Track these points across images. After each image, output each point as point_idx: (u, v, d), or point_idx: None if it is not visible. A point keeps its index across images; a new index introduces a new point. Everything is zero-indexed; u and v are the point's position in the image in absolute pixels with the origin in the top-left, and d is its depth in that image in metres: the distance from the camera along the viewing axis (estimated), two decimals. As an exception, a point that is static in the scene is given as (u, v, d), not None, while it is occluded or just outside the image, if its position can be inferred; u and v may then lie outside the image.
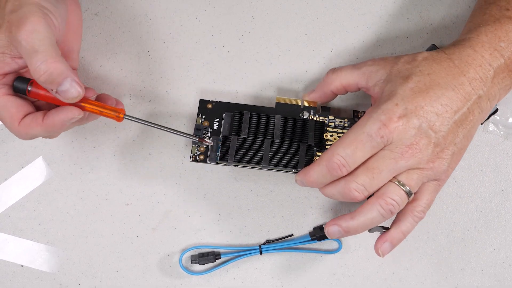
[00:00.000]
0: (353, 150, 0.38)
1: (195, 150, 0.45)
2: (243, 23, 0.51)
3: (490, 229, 0.48)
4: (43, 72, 0.36)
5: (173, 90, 0.50)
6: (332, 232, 0.41)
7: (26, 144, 0.49)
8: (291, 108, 0.47)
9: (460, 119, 0.39)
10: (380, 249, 0.41)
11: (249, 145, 0.44)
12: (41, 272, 0.48)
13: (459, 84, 0.39)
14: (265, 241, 0.48)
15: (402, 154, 0.38)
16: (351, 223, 0.39)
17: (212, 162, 0.45)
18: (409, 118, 0.38)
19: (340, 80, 0.44)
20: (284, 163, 0.43)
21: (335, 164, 0.38)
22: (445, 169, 0.39)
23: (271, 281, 0.48)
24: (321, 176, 0.40)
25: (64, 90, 0.38)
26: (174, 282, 0.48)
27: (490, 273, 0.47)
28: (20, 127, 0.39)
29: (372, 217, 0.39)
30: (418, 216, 0.41)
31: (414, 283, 0.47)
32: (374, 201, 0.39)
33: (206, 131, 0.46)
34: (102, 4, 0.51)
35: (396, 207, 0.39)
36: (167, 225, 0.48)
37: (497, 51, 0.39)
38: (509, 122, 0.49)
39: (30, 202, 0.49)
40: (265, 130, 0.45)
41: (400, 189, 0.39)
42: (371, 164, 0.38)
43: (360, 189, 0.38)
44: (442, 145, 0.39)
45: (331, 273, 0.48)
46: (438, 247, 0.48)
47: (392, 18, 0.51)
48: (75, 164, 0.49)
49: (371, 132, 0.38)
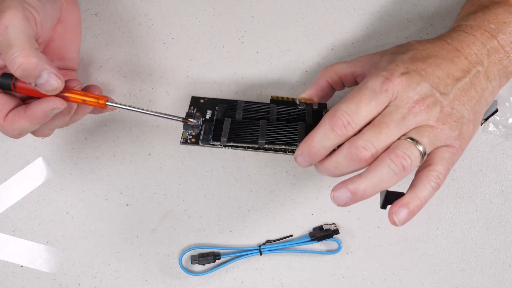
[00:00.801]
0: (356, 105, 0.36)
1: (186, 135, 0.42)
2: (243, 24, 0.51)
3: (489, 230, 0.48)
4: (17, 66, 0.36)
5: (173, 90, 0.50)
6: (339, 196, 0.36)
7: (26, 145, 0.49)
8: (287, 104, 0.45)
9: (463, 88, 0.38)
10: (396, 216, 0.36)
11: (244, 126, 0.41)
12: (41, 272, 0.48)
13: (455, 57, 0.38)
14: (265, 241, 0.48)
15: (409, 109, 0.36)
16: (360, 182, 0.35)
17: (204, 144, 0.42)
18: (411, 75, 0.36)
19: (335, 69, 0.43)
20: (282, 140, 0.40)
21: (339, 120, 0.35)
22: (457, 135, 0.37)
23: (271, 282, 0.48)
24: (325, 138, 0.36)
25: (42, 83, 0.37)
26: (174, 283, 0.48)
27: (489, 273, 0.47)
28: (5, 123, 0.39)
29: (382, 174, 0.35)
30: (435, 181, 0.36)
31: (414, 284, 0.47)
32: (384, 156, 0.35)
33: (198, 119, 0.42)
34: (102, 4, 0.51)
35: (408, 162, 0.35)
36: (167, 226, 0.48)
37: (488, 32, 0.39)
38: (509, 122, 0.49)
39: (30, 202, 0.49)
40: (261, 114, 0.43)
41: (412, 145, 0.35)
42: (377, 121, 0.36)
43: (368, 146, 0.35)
44: (449, 109, 0.37)
45: (331, 273, 0.48)
46: (438, 247, 0.48)
47: (392, 18, 0.51)
48: (75, 164, 0.49)
49: (374, 87, 0.36)
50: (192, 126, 0.42)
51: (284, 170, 0.49)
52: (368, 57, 0.42)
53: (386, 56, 0.40)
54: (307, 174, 0.49)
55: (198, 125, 0.41)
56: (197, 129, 0.42)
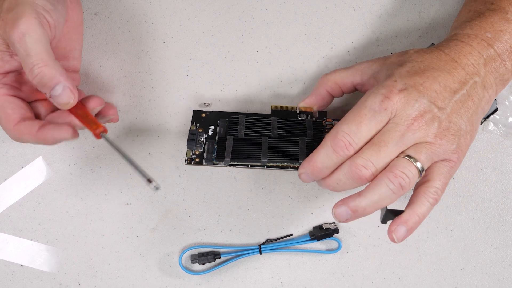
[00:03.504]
0: (357, 126, 0.37)
1: (190, 154, 0.44)
2: (242, 23, 0.51)
3: (489, 229, 0.48)
4: (35, 75, 0.36)
5: (173, 90, 0.50)
6: (340, 213, 0.37)
7: (26, 144, 0.49)
8: (287, 113, 0.46)
9: (460, 100, 0.38)
10: (394, 233, 0.37)
11: (246, 143, 0.43)
12: (41, 272, 0.48)
13: (453, 68, 0.39)
14: (265, 240, 0.48)
15: (408, 126, 0.36)
16: (359, 201, 0.37)
17: (208, 164, 0.44)
18: (409, 91, 0.37)
19: (335, 79, 0.44)
20: (284, 157, 0.42)
21: (340, 142, 0.37)
22: (454, 148, 0.38)
23: (271, 281, 0.48)
24: (327, 158, 0.37)
25: (56, 95, 0.37)
26: (174, 282, 0.48)
27: (490, 272, 0.47)
28: (13, 130, 0.39)
29: (381, 193, 0.36)
30: (433, 197, 0.38)
31: (414, 283, 0.47)
32: (382, 175, 0.36)
33: (200, 136, 0.44)
34: (101, 4, 0.51)
35: (406, 181, 0.36)
36: (167, 225, 0.48)
37: (484, 41, 0.40)
38: (509, 121, 0.49)
39: (30, 202, 0.49)
40: (262, 130, 0.44)
41: (410, 163, 0.36)
42: (376, 139, 0.37)
43: (368, 164, 0.36)
44: (447, 123, 0.37)
45: (331, 272, 0.48)
46: (438, 246, 0.48)
47: (391, 17, 0.51)
48: (74, 164, 0.49)
49: (373, 106, 0.37)
50: (196, 144, 0.43)
51: (284, 169, 0.49)
52: (367, 65, 0.42)
53: (384, 67, 0.40)
54: (307, 173, 0.49)
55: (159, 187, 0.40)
56: (200, 147, 0.44)
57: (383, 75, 0.40)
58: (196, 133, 0.43)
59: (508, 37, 0.40)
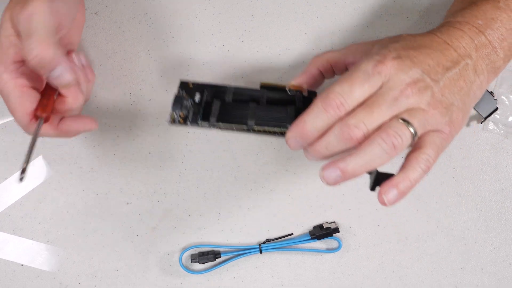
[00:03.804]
0: (350, 87, 0.36)
1: (174, 115, 0.41)
2: (243, 22, 0.51)
3: (490, 228, 0.48)
4: (34, 55, 0.36)
5: (173, 89, 0.50)
6: (328, 174, 0.35)
7: (26, 144, 0.49)
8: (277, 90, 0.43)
9: (453, 78, 0.38)
10: (385, 195, 0.36)
11: (234, 107, 0.41)
12: (41, 271, 0.48)
13: (445, 49, 0.39)
14: (265, 240, 0.48)
15: (402, 91, 0.36)
16: (350, 160, 0.35)
17: (193, 124, 0.41)
18: (403, 59, 0.37)
19: (327, 58, 0.43)
20: (272, 122, 0.40)
21: (332, 101, 0.35)
22: (447, 120, 0.37)
23: (271, 280, 0.48)
24: (317, 119, 0.36)
25: (55, 77, 0.37)
26: (174, 281, 0.48)
27: (490, 271, 0.47)
28: (31, 124, 0.39)
29: (373, 152, 0.35)
30: (425, 164, 0.36)
31: (414, 282, 0.47)
32: (375, 135, 0.35)
33: (186, 101, 0.42)
34: (102, 3, 0.51)
35: (399, 141, 0.35)
36: (167, 224, 0.48)
37: (475, 28, 0.40)
38: (509, 120, 0.49)
39: (30, 201, 0.49)
40: (251, 98, 0.42)
41: (404, 125, 0.35)
42: (370, 101, 0.36)
43: (360, 125, 0.35)
44: (439, 95, 0.37)
45: (331, 272, 0.48)
46: (438, 245, 0.48)
47: (391, 17, 0.51)
48: (75, 163, 0.49)
49: (367, 69, 0.36)
50: (181, 106, 0.41)
51: (284, 169, 0.49)
52: (359, 45, 0.43)
53: (377, 45, 0.41)
54: (308, 172, 0.49)
55: (22, 180, 0.38)
56: (186, 110, 0.41)
57: (376, 49, 0.39)
58: (182, 97, 0.41)
59: (499, 25, 0.40)
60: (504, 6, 0.41)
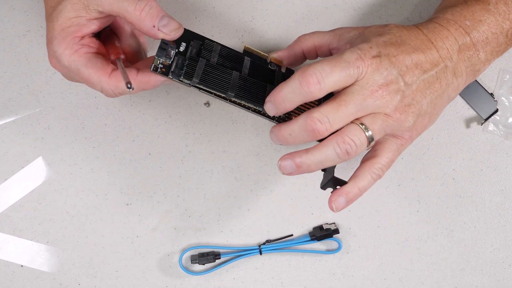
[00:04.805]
0: (331, 68, 0.36)
1: (158, 62, 0.40)
2: (243, 23, 0.51)
3: (490, 229, 0.48)
4: (143, 7, 0.38)
5: (173, 90, 0.50)
6: (285, 165, 0.38)
7: (26, 144, 0.49)
8: (259, 59, 0.44)
9: (428, 80, 0.39)
10: (334, 203, 0.39)
11: (217, 71, 0.41)
12: (41, 272, 0.48)
13: (427, 48, 0.39)
14: (265, 241, 0.48)
15: (372, 92, 0.37)
16: (306, 157, 0.38)
17: (174, 78, 0.40)
18: (382, 59, 0.38)
19: (313, 40, 0.44)
20: (250, 98, 0.41)
21: (309, 77, 0.36)
22: (409, 126, 0.39)
23: (271, 281, 0.48)
24: (291, 91, 0.37)
25: (164, 24, 0.38)
26: (174, 282, 0.48)
27: (490, 273, 0.47)
28: (110, 79, 0.39)
29: (326, 154, 0.37)
30: (377, 173, 0.39)
31: (414, 283, 0.48)
32: (332, 138, 0.37)
33: (171, 49, 0.41)
34: (102, 4, 0.51)
35: (353, 148, 0.37)
36: (167, 225, 0.48)
37: (462, 28, 0.40)
38: (509, 122, 0.49)
39: (30, 202, 0.49)
40: (234, 64, 0.42)
41: (362, 131, 0.37)
42: (338, 97, 0.37)
43: (324, 120, 0.36)
44: (409, 99, 0.38)
45: (331, 273, 0.48)
46: (438, 247, 0.48)
47: (392, 18, 0.51)
48: (75, 164, 0.49)
49: (349, 59, 0.37)
50: (166, 54, 0.41)
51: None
52: (346, 30, 0.42)
53: (362, 35, 0.41)
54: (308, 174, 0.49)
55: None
56: (169, 59, 0.41)
57: (360, 41, 0.40)
58: (168, 44, 0.41)
59: (486, 28, 0.41)
60: (494, 9, 0.41)
